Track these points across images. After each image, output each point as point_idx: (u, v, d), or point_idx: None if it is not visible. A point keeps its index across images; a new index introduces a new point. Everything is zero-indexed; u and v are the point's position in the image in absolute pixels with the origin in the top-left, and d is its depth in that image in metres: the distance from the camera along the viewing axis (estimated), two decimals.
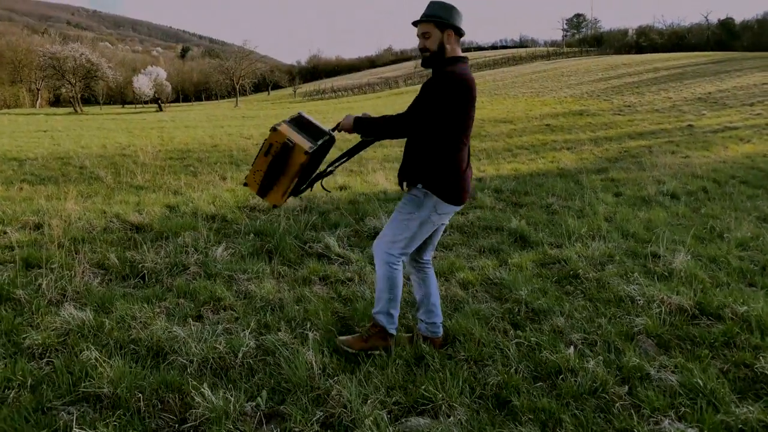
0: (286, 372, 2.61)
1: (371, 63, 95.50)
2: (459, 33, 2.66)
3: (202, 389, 2.40)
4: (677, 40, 64.04)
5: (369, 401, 2.38)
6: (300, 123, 2.83)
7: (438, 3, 2.64)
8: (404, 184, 2.79)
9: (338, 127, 2.85)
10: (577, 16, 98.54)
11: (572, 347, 2.84)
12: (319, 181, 3.11)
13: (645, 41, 65.90)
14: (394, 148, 13.00)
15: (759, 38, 59.36)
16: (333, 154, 3.68)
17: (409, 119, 2.58)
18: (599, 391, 2.49)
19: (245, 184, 2.85)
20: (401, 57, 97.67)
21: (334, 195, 7.14)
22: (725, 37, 60.98)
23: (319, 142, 2.75)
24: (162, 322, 3.11)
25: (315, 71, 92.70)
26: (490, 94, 33.69)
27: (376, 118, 2.72)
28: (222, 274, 4.03)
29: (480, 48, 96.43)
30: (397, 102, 36.39)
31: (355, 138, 3.16)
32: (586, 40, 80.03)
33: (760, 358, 2.72)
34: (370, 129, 2.71)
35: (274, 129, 2.70)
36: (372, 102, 40.01)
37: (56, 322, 3.10)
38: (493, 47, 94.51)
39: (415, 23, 2.70)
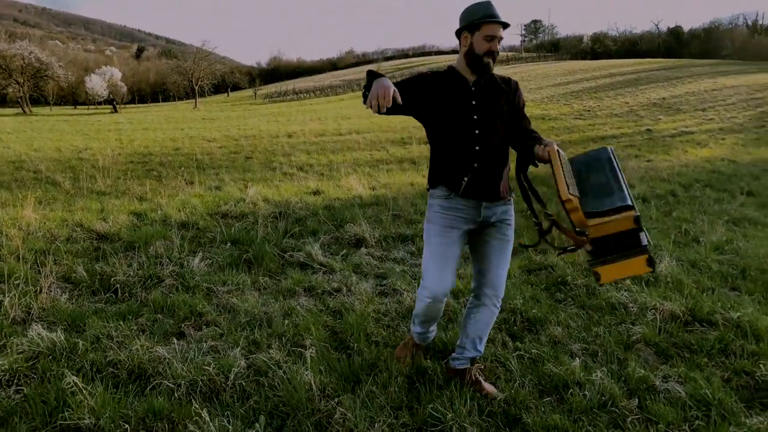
0: (284, 394, 2.45)
1: (333, 66, 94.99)
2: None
3: (198, 416, 2.22)
4: (630, 47, 66.20)
5: (376, 425, 2.25)
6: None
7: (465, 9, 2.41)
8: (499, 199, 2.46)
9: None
10: (535, 22, 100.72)
11: (577, 359, 2.78)
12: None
13: (600, 47, 67.86)
14: (363, 152, 12.88)
15: (705, 46, 61.97)
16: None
17: None
18: (609, 405, 2.43)
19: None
20: (363, 60, 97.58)
21: (308, 200, 6.96)
22: (674, 44, 63.44)
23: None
24: (142, 341, 2.89)
25: (276, 73, 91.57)
26: None
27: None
28: (200, 286, 3.82)
29: (441, 52, 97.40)
30: (359, 104, 36.22)
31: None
32: (543, 45, 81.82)
33: (760, 365, 2.73)
34: None
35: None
36: (335, 105, 39.72)
37: (23, 344, 2.84)
38: (454, 51, 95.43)
39: (496, 21, 2.32)
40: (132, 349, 2.79)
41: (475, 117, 2.38)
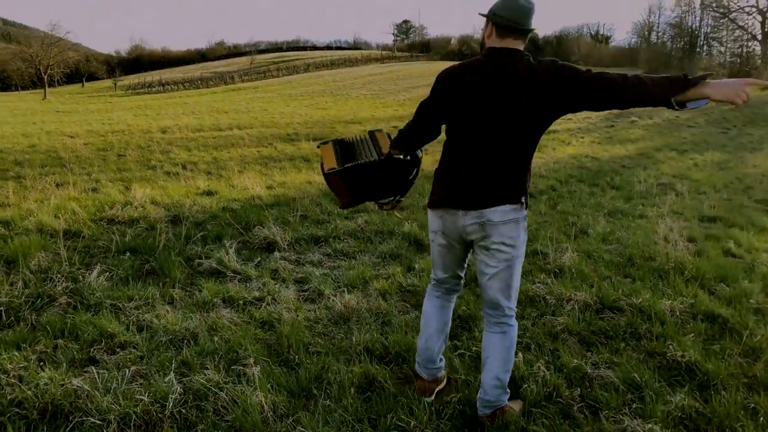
0: (233, 418, 2.26)
1: (202, 56, 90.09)
2: (502, 26, 2.16)
3: None
4: None
5: None
6: (346, 143, 2.83)
7: None
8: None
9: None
10: (405, 22, 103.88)
11: (520, 354, 2.89)
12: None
13: (467, 49, 71.85)
14: (250, 149, 12.39)
15: (557, 52, 68.34)
16: None
17: None
18: (554, 396, 2.56)
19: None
20: (234, 52, 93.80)
21: (203, 202, 6.53)
22: (531, 49, 68.73)
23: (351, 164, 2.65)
24: (48, 373, 2.50)
25: (138, 63, 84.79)
26: (333, 94, 33.97)
27: None
28: (104, 304, 3.41)
29: (315, 47, 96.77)
30: (235, 98, 34.90)
31: None
32: (414, 45, 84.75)
33: (669, 346, 3.03)
34: (399, 141, 2.65)
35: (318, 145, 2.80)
36: (208, 98, 37.82)
37: None
38: (329, 47, 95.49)
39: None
40: (39, 384, 2.40)
41: None
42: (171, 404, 2.32)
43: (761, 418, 2.40)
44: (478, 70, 2.17)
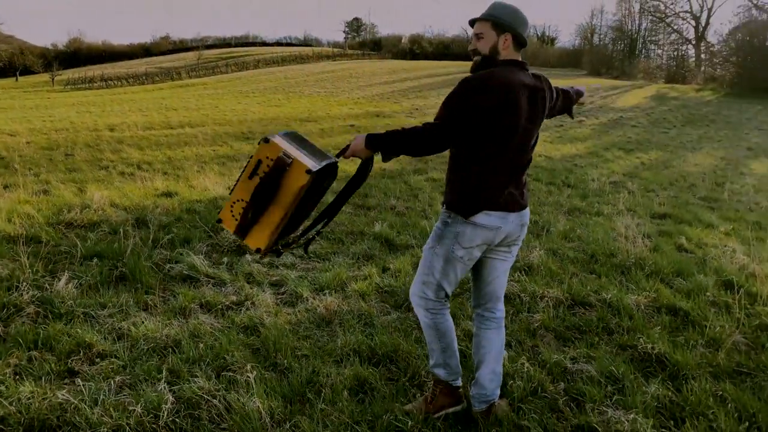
0: (230, 425, 2.24)
1: (146, 51, 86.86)
2: (519, 41, 2.28)
3: None
4: (443, 49, 71.83)
5: None
6: (298, 138, 2.32)
7: (500, 3, 2.29)
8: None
9: (346, 153, 2.29)
10: (356, 19, 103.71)
11: (504, 351, 2.98)
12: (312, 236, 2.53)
13: (418, 48, 72.52)
14: (205, 148, 12.12)
15: None
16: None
17: None
18: (539, 391, 2.67)
19: (219, 221, 2.24)
20: (180, 47, 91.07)
21: (164, 204, 6.36)
22: None
23: (324, 163, 2.25)
24: (29, 387, 2.41)
25: (77, 56, 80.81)
26: (285, 91, 33.54)
27: (405, 130, 2.17)
28: (75, 312, 3.29)
29: (265, 43, 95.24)
30: (183, 95, 33.93)
31: None
32: (366, 43, 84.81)
33: (640, 339, 3.21)
34: (394, 144, 2.18)
35: (266, 140, 2.14)
36: (155, 94, 36.59)
37: None
38: (279, 43, 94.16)
39: (471, 22, 2.34)
40: (21, 399, 2.31)
41: None
42: (165, 414, 2.28)
43: (729, 405, 2.58)
44: (525, 84, 2.23)
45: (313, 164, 2.16)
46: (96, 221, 5.40)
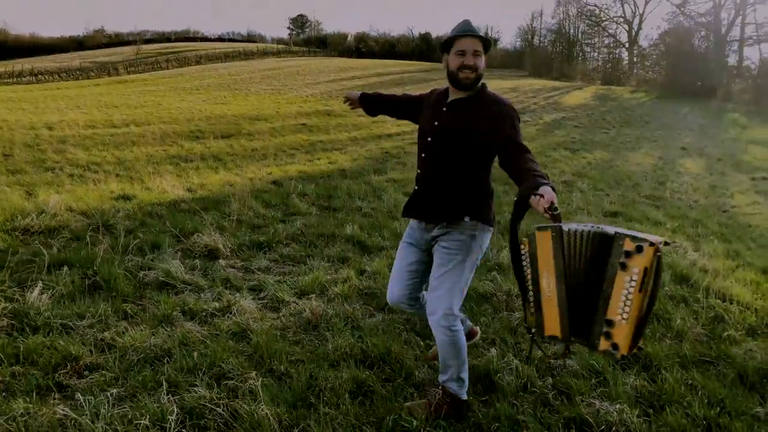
0: None
1: (79, 44, 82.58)
2: None
3: None
4: (390, 48, 72.21)
5: None
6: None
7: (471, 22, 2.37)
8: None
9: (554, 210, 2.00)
10: (301, 16, 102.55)
11: (493, 349, 3.11)
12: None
13: (364, 47, 72.54)
14: (154, 148, 11.73)
15: None
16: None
17: None
18: (529, 386, 2.81)
19: (604, 351, 1.88)
20: (116, 41, 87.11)
21: (122, 207, 6.15)
22: (425, 48, 71.42)
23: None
24: (21, 404, 2.32)
25: (2, 49, 76.05)
26: (231, 88, 32.81)
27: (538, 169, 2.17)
28: (53, 324, 3.17)
29: (206, 39, 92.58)
30: (123, 91, 32.57)
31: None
32: (311, 40, 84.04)
33: None
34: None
35: (639, 249, 1.80)
36: (91, 90, 34.89)
37: None
38: (221, 39, 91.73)
39: (465, 35, 2.31)
40: (15, 417, 2.23)
41: (429, 139, 2.46)
42: (172, 425, 2.26)
43: (699, 392, 2.81)
44: None
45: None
46: (55, 227, 5.17)
